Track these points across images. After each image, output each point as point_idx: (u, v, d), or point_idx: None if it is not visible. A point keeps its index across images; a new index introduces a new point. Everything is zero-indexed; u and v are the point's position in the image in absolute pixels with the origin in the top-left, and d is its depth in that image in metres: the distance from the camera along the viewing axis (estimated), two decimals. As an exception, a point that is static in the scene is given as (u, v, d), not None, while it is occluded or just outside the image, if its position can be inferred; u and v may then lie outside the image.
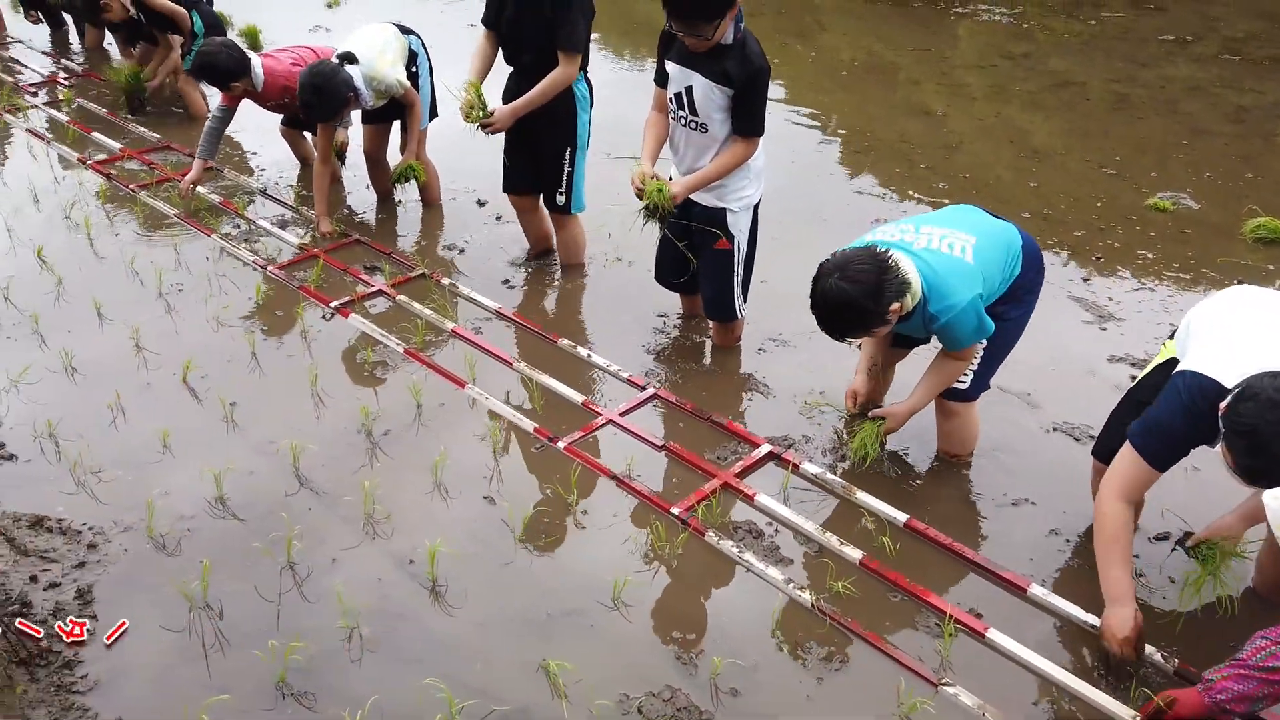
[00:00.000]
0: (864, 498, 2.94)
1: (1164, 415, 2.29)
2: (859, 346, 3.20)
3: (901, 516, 2.85)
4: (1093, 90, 6.95)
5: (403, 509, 2.92)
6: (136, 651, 2.42)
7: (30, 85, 6.63)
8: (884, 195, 5.21)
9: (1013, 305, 2.84)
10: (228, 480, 2.96)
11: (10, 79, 6.69)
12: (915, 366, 3.11)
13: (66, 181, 5.10)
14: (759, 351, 3.76)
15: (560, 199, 4.07)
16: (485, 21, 3.93)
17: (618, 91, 5.96)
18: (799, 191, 5.15)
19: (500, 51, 3.94)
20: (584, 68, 3.86)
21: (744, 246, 3.49)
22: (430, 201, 4.96)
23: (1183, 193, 5.18)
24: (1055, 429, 3.32)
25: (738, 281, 3.54)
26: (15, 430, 3.19)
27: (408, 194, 5.03)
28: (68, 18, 7.68)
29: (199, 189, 4.90)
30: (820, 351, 3.67)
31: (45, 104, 6.25)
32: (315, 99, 4.17)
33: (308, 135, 5.19)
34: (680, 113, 3.30)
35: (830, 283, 2.52)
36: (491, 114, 3.80)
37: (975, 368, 2.90)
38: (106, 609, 2.52)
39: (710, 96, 3.17)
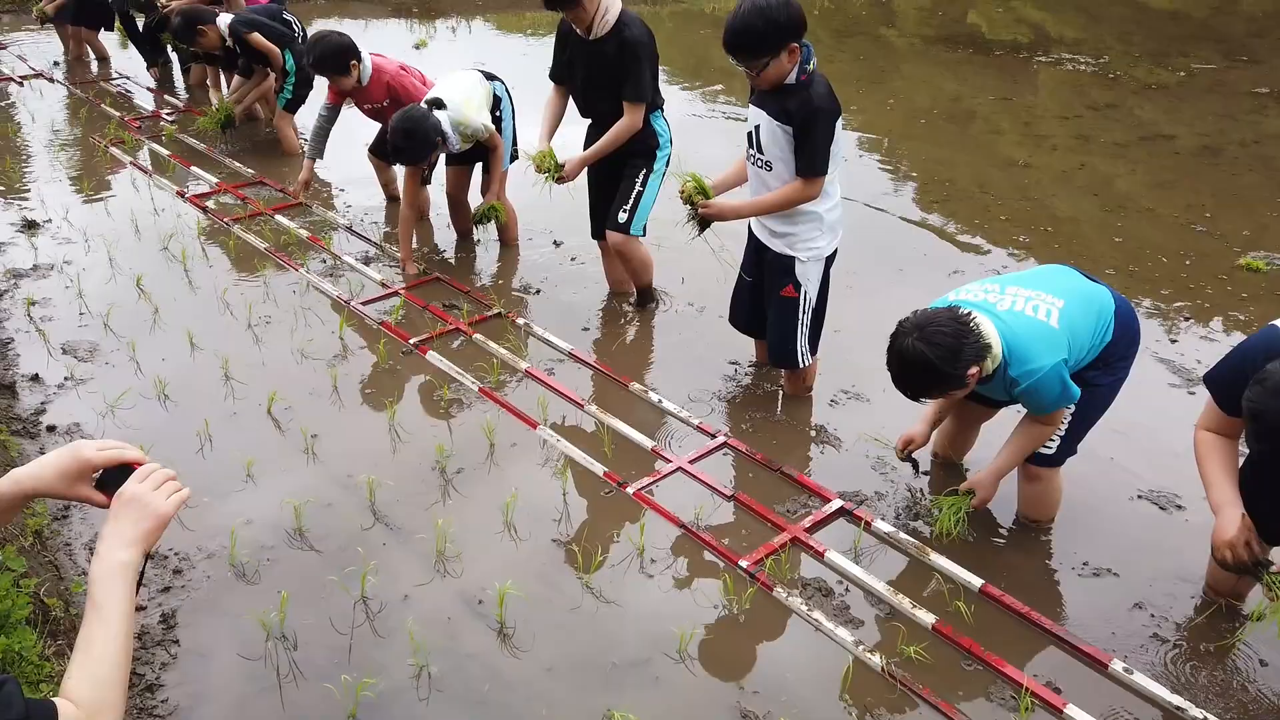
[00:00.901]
0: (938, 560, 2.88)
1: (1229, 357, 2.42)
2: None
3: (977, 581, 2.79)
4: (1181, 143, 6.79)
5: (474, 548, 2.96)
6: (215, 678, 2.48)
7: (135, 120, 6.97)
8: (962, 246, 5.15)
9: (1104, 372, 2.77)
10: (307, 512, 3.04)
11: (117, 114, 7.05)
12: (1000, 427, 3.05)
13: (166, 214, 5.34)
14: (831, 403, 3.73)
15: (623, 215, 4.09)
16: (553, 77, 4.08)
17: (683, 129, 6.02)
18: (875, 240, 5.12)
19: (573, 102, 4.06)
20: (659, 107, 3.96)
21: (812, 297, 3.49)
22: (508, 242, 5.07)
23: (1277, 253, 5.01)
24: (1140, 496, 3.22)
25: (802, 330, 3.53)
26: (110, 454, 3.33)
27: (487, 233, 5.14)
28: (173, 56, 8.09)
29: (290, 222, 5.09)
30: (895, 406, 3.59)
31: (149, 138, 6.57)
32: (405, 143, 4.31)
33: (396, 168, 5.36)
34: (750, 150, 3.36)
35: (908, 342, 2.50)
36: (562, 166, 3.89)
37: (1062, 433, 2.83)
38: (189, 634, 2.60)
39: (774, 135, 3.22)
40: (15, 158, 6.11)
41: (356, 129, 5.47)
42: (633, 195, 4.06)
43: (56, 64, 8.51)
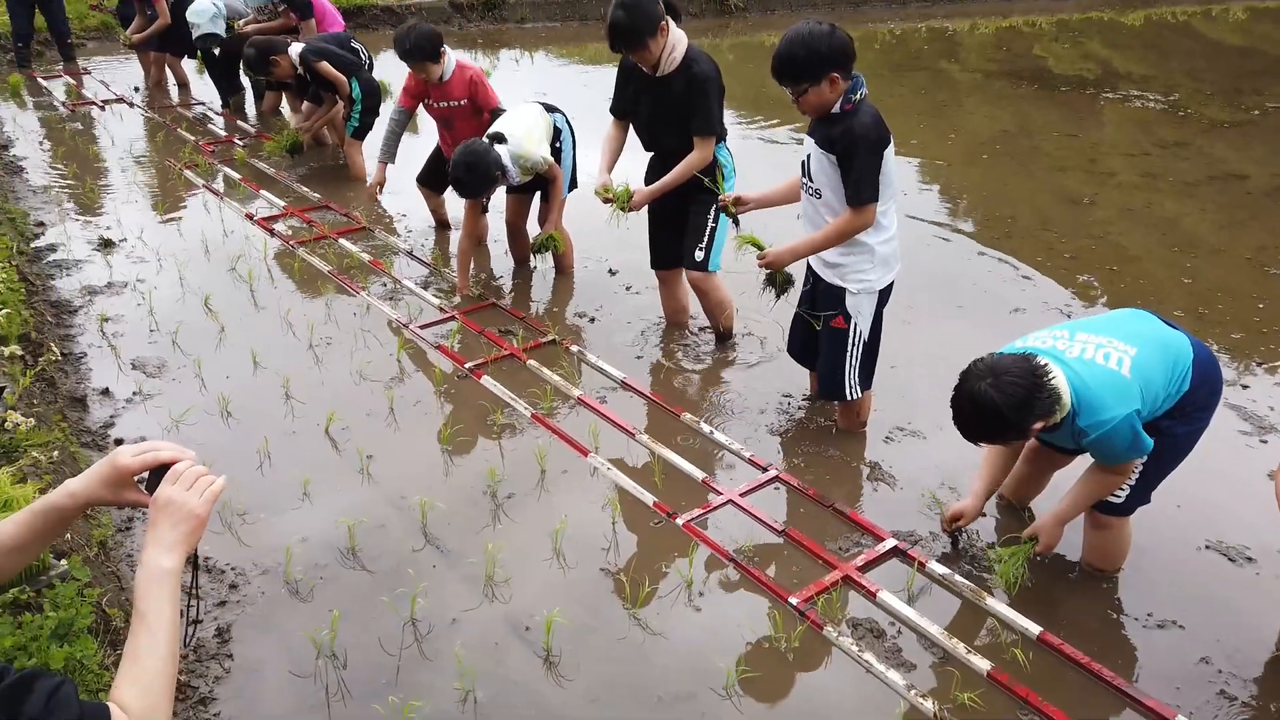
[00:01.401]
0: (995, 604, 2.80)
1: None
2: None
3: (1035, 628, 2.71)
4: (1254, 183, 6.61)
5: (522, 573, 2.96)
6: (266, 694, 2.51)
7: (209, 144, 7.21)
8: (1024, 285, 5.07)
9: (1180, 421, 2.68)
10: (360, 531, 3.08)
11: (192, 138, 7.30)
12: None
13: (235, 235, 5.50)
14: (886, 440, 3.68)
15: (699, 254, 4.11)
16: (614, 111, 4.11)
17: (745, 163, 6.02)
18: (934, 276, 5.06)
19: (634, 135, 4.10)
20: (722, 139, 3.97)
21: (864, 330, 3.45)
22: (564, 269, 5.12)
23: (1356, 297, 4.84)
24: (1208, 547, 3.11)
25: (852, 363, 3.50)
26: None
27: (543, 260, 5.20)
28: (246, 83, 8.36)
29: (353, 246, 5.20)
30: (951, 444, 3.54)
31: (221, 162, 6.78)
32: (466, 176, 4.39)
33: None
34: (804, 179, 3.39)
35: (980, 386, 2.45)
36: (631, 197, 3.91)
37: (1133, 482, 2.75)
38: (242, 649, 2.64)
39: (821, 163, 3.25)
40: (95, 179, 6.35)
41: (418, 156, 5.58)
42: (706, 232, 4.06)
43: (137, 89, 8.84)
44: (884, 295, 3.44)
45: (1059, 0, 14.49)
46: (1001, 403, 2.42)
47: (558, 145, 4.78)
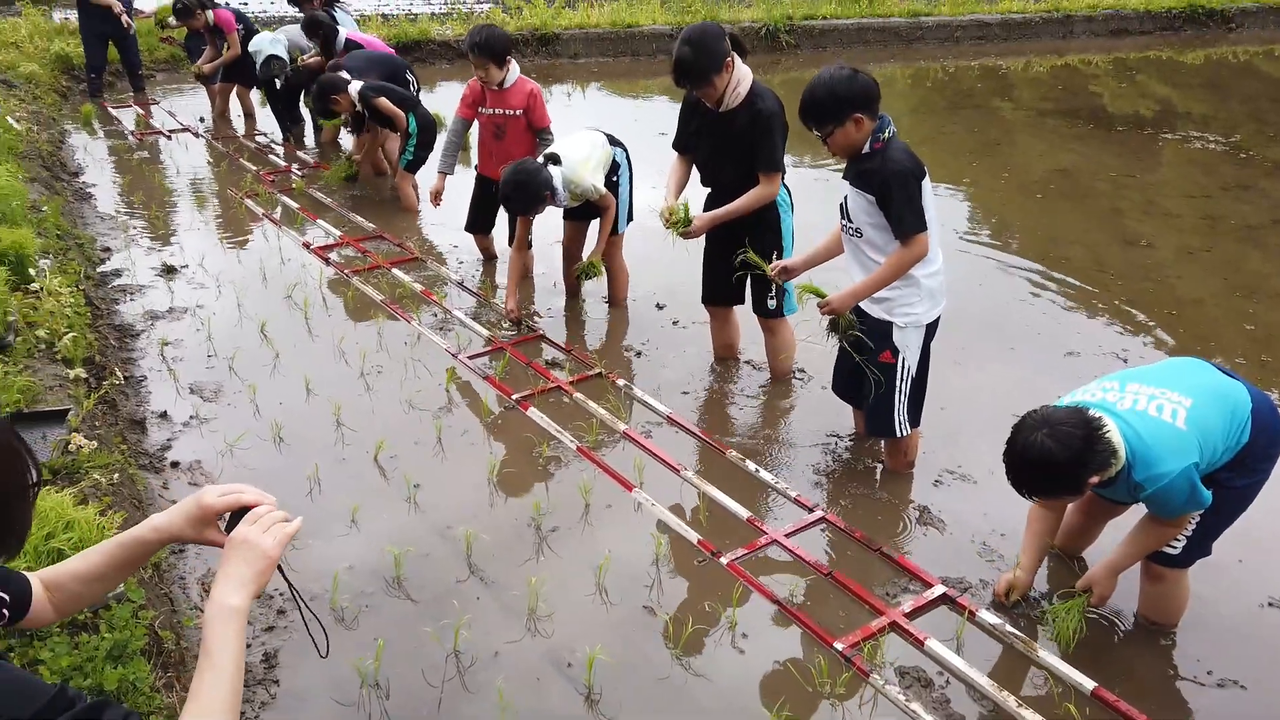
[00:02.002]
0: (1047, 657, 2.73)
1: None
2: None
3: (1089, 683, 2.63)
4: (1320, 227, 6.44)
5: (565, 608, 2.96)
6: (309, 721, 2.53)
7: (269, 174, 7.41)
8: (1079, 327, 4.98)
9: (1240, 473, 2.60)
10: (406, 561, 3.10)
11: (253, 168, 7.50)
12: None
13: (291, 263, 5.62)
14: (935, 483, 3.62)
15: (771, 303, 4.12)
16: (677, 147, 4.14)
17: (803, 198, 6.03)
18: (986, 317, 5.00)
19: (696, 171, 4.11)
20: (781, 176, 3.97)
21: (911, 365, 3.42)
22: (617, 302, 5.16)
23: None
24: (1271, 604, 3.00)
25: (900, 398, 3.46)
26: (226, 492, 3.47)
27: (595, 291, 5.24)
28: (306, 114, 8.58)
29: (406, 276, 5.29)
30: (1002, 489, 3.46)
31: (280, 192, 6.96)
32: (515, 194, 4.48)
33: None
34: (843, 220, 3.41)
35: (1035, 438, 2.41)
36: (690, 221, 3.93)
37: (1190, 533, 2.67)
38: (288, 675, 2.66)
39: (857, 203, 3.28)
40: (160, 207, 6.55)
41: (470, 189, 5.67)
42: (773, 281, 4.07)
43: (202, 119, 9.13)
44: (931, 329, 3.41)
45: (1116, 39, 14.35)
46: (1057, 455, 2.37)
47: (615, 179, 4.83)
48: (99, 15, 9.05)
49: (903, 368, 3.40)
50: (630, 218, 5.02)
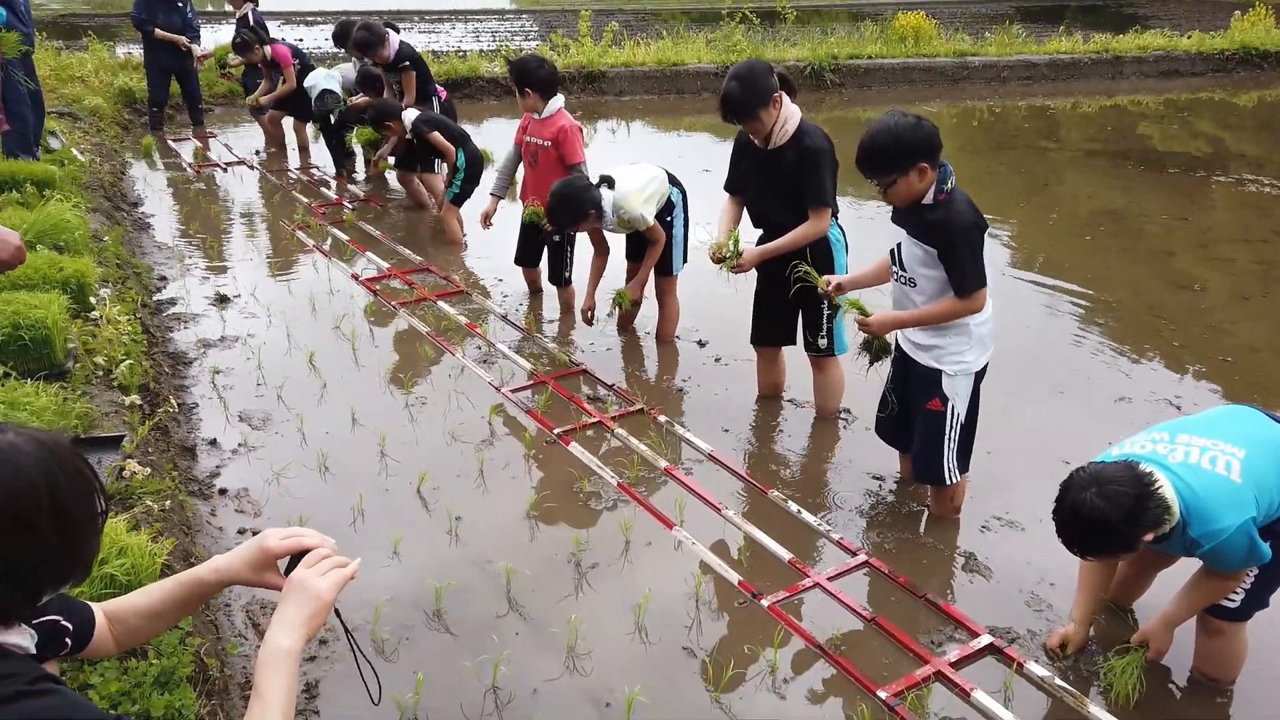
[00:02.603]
0: (1097, 712, 2.65)
1: None
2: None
3: (1143, 742, 2.55)
4: (1382, 273, 6.28)
5: (604, 646, 2.94)
6: (347, 754, 2.53)
7: (320, 206, 7.57)
8: (1130, 372, 4.89)
9: None
10: (446, 594, 3.11)
11: (305, 200, 7.67)
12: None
13: (340, 294, 5.72)
14: (982, 529, 3.56)
15: (822, 342, 4.11)
16: (728, 188, 4.16)
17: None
18: (1034, 360, 4.93)
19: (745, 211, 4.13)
20: (834, 214, 3.97)
21: (961, 413, 3.37)
22: (663, 338, 5.18)
23: None
24: (1336, 663, 2.89)
25: (949, 446, 3.40)
26: (271, 520, 3.52)
27: (643, 324, 5.26)
28: (357, 149, 8.77)
29: (451, 309, 5.36)
30: (1052, 537, 3.40)
31: (331, 224, 7.11)
32: (559, 206, 4.61)
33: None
34: (894, 267, 3.36)
35: (1085, 496, 2.36)
36: (740, 255, 3.94)
37: (1248, 586, 2.59)
38: (329, 706, 2.67)
39: (914, 253, 3.22)
40: (215, 237, 6.71)
41: (516, 223, 5.74)
42: (824, 318, 4.07)
43: (258, 152, 9.37)
44: (979, 376, 3.37)
45: (1166, 80, 14.21)
46: (1109, 514, 2.32)
47: (669, 219, 4.88)
48: (164, 50, 9.36)
49: (952, 415, 3.36)
50: (685, 260, 5.06)
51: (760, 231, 4.13)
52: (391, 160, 7.54)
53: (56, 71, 10.48)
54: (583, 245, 5.47)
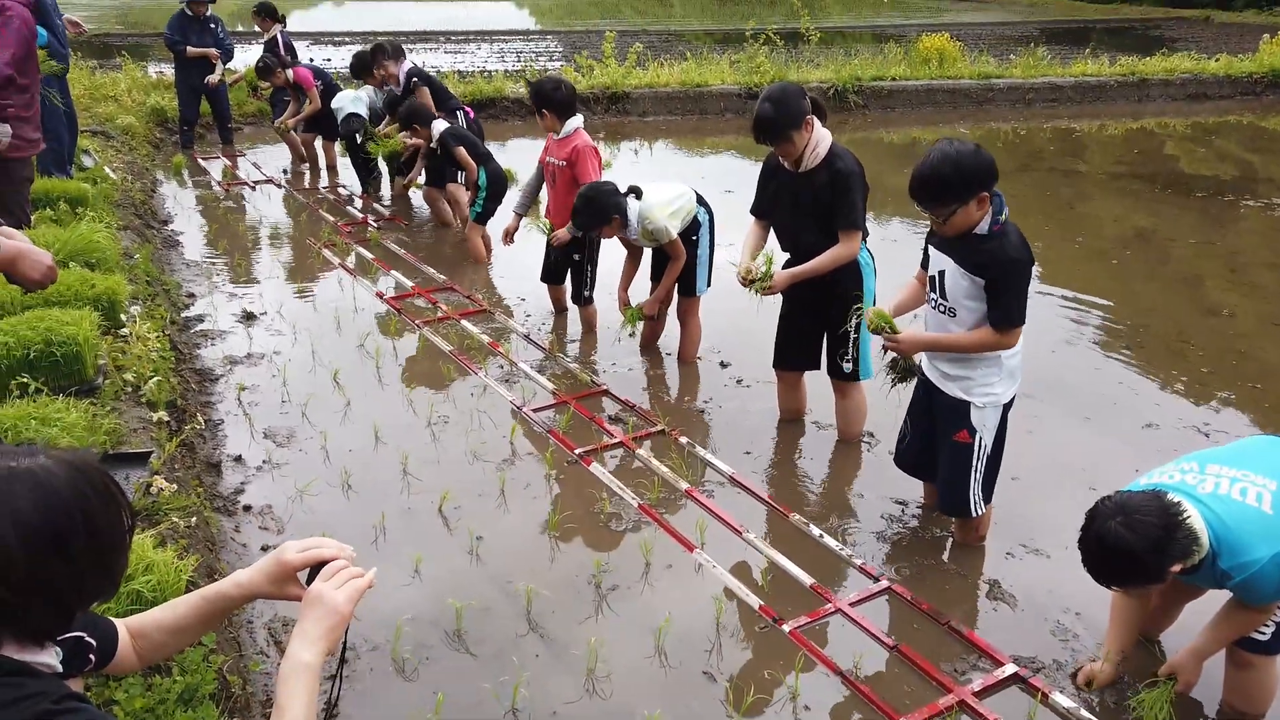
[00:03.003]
0: (1125, 746, 2.61)
1: None
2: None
3: (1171, 777, 2.51)
4: None
5: (624, 670, 2.93)
6: (366, 774, 2.53)
7: (346, 225, 7.65)
8: (1158, 398, 4.84)
9: None
10: (466, 614, 3.11)
11: (331, 219, 7.76)
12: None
13: (365, 312, 5.77)
14: (1007, 556, 3.52)
15: (847, 365, 4.10)
16: (755, 212, 4.17)
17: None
18: (1060, 385, 4.89)
19: (773, 234, 4.14)
20: (864, 237, 3.97)
21: (988, 444, 3.33)
22: (685, 359, 5.18)
23: None
24: (1371, 700, 2.83)
25: (975, 478, 3.37)
26: (293, 539, 3.52)
27: (665, 345, 5.27)
28: (383, 168, 8.87)
29: (474, 328, 5.39)
30: (1077, 566, 3.36)
31: (356, 242, 7.18)
32: (584, 206, 4.73)
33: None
34: (932, 295, 3.31)
35: (1110, 525, 2.33)
36: (771, 277, 3.93)
37: (1279, 618, 2.55)
38: (347, 726, 2.68)
39: (959, 283, 3.16)
40: (243, 254, 6.80)
41: (540, 245, 5.78)
42: (850, 342, 4.06)
43: (285, 171, 9.50)
44: (1007, 407, 3.34)
45: (1194, 103, 14.12)
46: (1135, 544, 2.29)
47: (694, 238, 4.91)
48: (195, 70, 9.52)
49: (979, 446, 3.32)
50: (709, 282, 5.07)
51: (789, 255, 4.13)
52: (421, 180, 7.64)
53: (90, 91, 10.69)
54: (607, 262, 5.50)
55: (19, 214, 4.70)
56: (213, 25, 9.56)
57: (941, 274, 3.22)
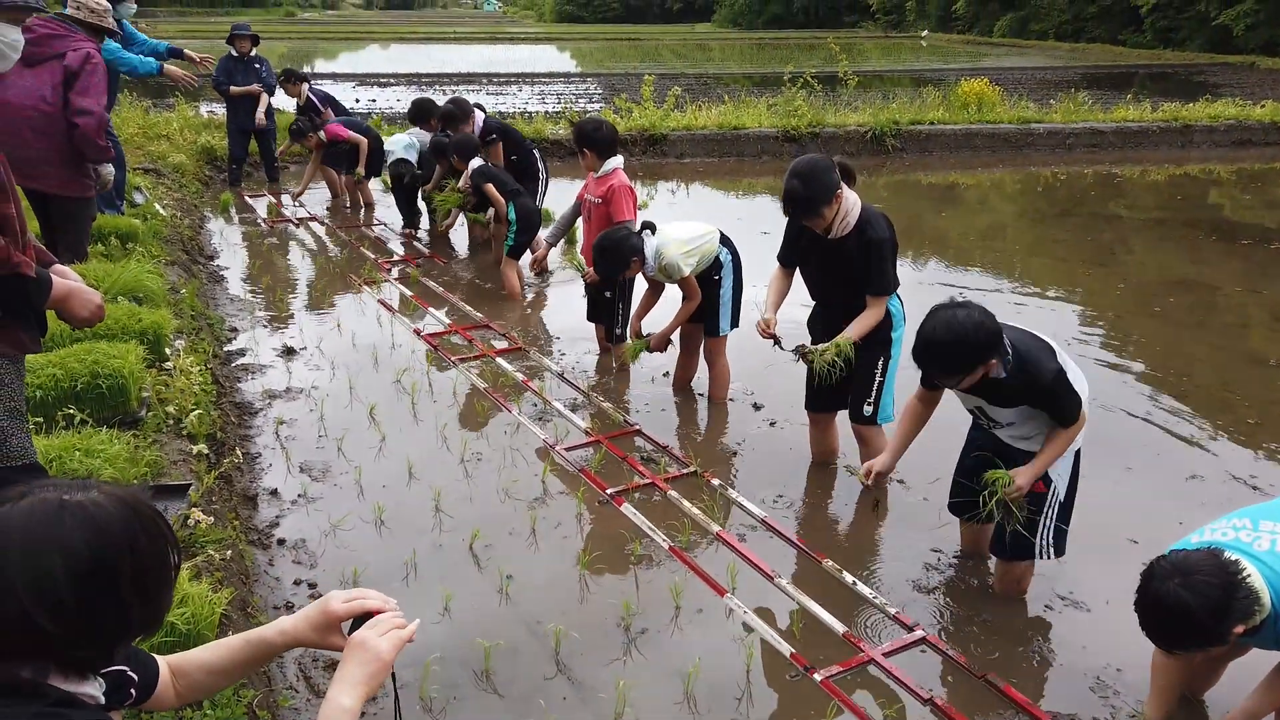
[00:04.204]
0: (1170, 811, 2.52)
1: None
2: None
3: (1219, 846, 2.41)
4: None
5: (652, 715, 2.89)
6: (391, 815, 2.51)
7: (386, 262, 7.77)
8: (1203, 449, 4.73)
9: None
10: (495, 654, 3.09)
11: (372, 256, 7.89)
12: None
13: (402, 349, 5.84)
14: (1046, 609, 3.44)
15: (867, 409, 4.08)
16: (782, 260, 4.18)
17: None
18: (1101, 435, 4.76)
19: (799, 281, 4.16)
20: (895, 287, 3.97)
21: (1061, 491, 3.29)
22: (715, 399, 5.17)
23: None
24: None
25: (1046, 523, 3.31)
26: (326, 573, 3.56)
27: (698, 386, 5.26)
28: (423, 207, 9.02)
29: (509, 365, 5.43)
30: (1119, 620, 3.28)
31: (396, 280, 7.29)
32: (601, 256, 4.85)
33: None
34: (981, 420, 3.35)
35: (1169, 587, 2.27)
36: (822, 354, 3.86)
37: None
38: (373, 765, 2.66)
39: (1004, 413, 3.21)
40: (285, 290, 6.93)
41: (580, 290, 5.83)
42: (874, 387, 4.05)
43: (327, 208, 9.70)
44: (1078, 453, 3.30)
45: (1239, 149, 13.96)
46: (1195, 606, 2.22)
47: (716, 277, 4.92)
48: (243, 110, 9.79)
49: (1052, 495, 3.28)
50: (735, 323, 5.07)
51: (817, 305, 4.19)
52: (460, 221, 7.80)
53: (144, 129, 11.03)
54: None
55: (80, 251, 4.87)
56: (257, 66, 9.84)
57: (980, 409, 3.26)
